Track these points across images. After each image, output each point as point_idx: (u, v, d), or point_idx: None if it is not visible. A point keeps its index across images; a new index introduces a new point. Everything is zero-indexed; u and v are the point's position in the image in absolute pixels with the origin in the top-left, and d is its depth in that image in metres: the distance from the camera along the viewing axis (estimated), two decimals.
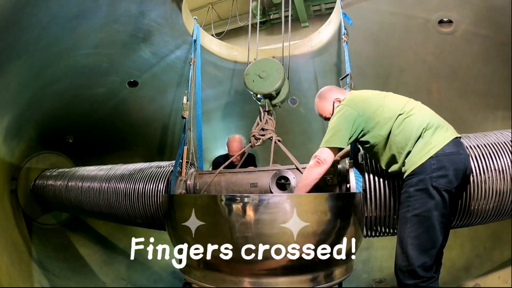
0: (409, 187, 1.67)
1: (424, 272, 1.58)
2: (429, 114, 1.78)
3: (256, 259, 1.74)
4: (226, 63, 3.99)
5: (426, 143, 1.66)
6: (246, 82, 2.56)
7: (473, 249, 3.26)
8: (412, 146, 1.69)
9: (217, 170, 2.45)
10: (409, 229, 1.62)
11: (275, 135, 2.45)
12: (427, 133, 1.68)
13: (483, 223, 2.06)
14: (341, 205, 1.85)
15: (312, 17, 7.21)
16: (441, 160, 1.62)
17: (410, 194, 1.65)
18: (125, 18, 2.96)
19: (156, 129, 4.58)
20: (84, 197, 3.13)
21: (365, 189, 1.98)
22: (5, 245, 2.82)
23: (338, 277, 1.93)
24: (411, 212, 1.63)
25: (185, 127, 2.83)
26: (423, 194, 1.61)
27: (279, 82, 2.48)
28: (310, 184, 1.86)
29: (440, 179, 1.60)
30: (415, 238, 1.60)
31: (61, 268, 3.57)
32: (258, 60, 2.65)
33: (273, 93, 2.49)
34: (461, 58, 3.14)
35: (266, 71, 2.51)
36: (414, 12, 3.02)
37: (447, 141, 1.66)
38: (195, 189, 2.51)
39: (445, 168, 1.61)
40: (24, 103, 3.14)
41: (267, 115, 2.50)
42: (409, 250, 1.60)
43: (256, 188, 2.26)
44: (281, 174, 2.20)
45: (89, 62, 3.25)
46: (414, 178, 1.65)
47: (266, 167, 2.36)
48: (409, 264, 1.60)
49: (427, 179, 1.61)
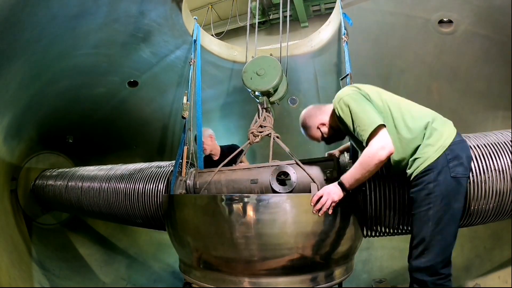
0: (427, 183, 1.59)
1: (444, 269, 1.55)
2: (427, 109, 1.76)
3: (256, 259, 1.74)
4: (226, 63, 3.99)
5: (440, 134, 1.62)
6: (244, 79, 2.54)
7: (473, 249, 3.26)
8: (422, 139, 1.64)
9: (216, 168, 2.44)
10: (431, 227, 1.56)
11: (274, 131, 2.44)
12: (436, 124, 1.64)
13: (483, 223, 2.06)
14: (341, 205, 1.85)
15: (311, 17, 7.21)
16: (454, 150, 1.60)
17: (430, 190, 1.58)
18: (125, 18, 2.96)
19: (156, 129, 4.58)
20: (84, 197, 3.13)
21: (365, 189, 1.98)
22: (5, 245, 2.82)
23: (338, 277, 1.94)
24: (433, 209, 1.56)
25: (185, 127, 2.83)
26: (444, 188, 1.56)
27: (276, 80, 2.46)
28: (371, 171, 1.58)
29: (457, 168, 1.57)
30: (438, 233, 1.55)
31: (61, 268, 3.57)
32: (256, 57, 2.64)
33: (270, 91, 2.48)
34: (461, 58, 3.14)
35: (264, 68, 2.50)
36: (414, 12, 3.02)
37: (455, 131, 1.66)
38: (195, 188, 2.50)
39: (459, 156, 1.59)
40: (24, 103, 3.14)
41: (265, 112, 2.48)
42: (431, 247, 1.55)
43: (257, 185, 2.24)
44: (281, 170, 2.18)
45: (89, 62, 3.25)
46: (431, 173, 1.59)
47: (266, 163, 2.35)
48: (428, 260, 1.55)
49: (446, 171, 1.56)
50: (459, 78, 3.26)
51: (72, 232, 4.29)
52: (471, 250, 3.27)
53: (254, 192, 2.23)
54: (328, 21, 3.71)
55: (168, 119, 4.45)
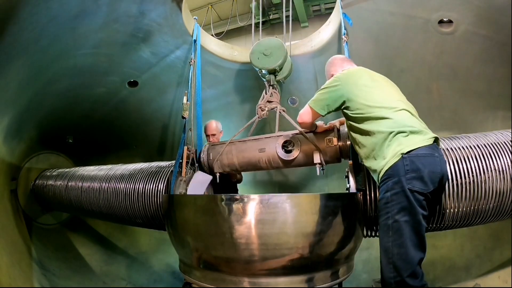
0: (385, 192, 1.59)
1: (415, 281, 1.49)
2: (409, 118, 1.71)
3: (256, 259, 1.74)
4: (226, 63, 3.98)
5: (399, 143, 1.60)
6: (252, 59, 2.82)
7: (473, 249, 3.26)
8: (383, 142, 1.64)
9: (227, 140, 2.65)
10: (392, 237, 1.54)
11: (280, 105, 2.70)
12: (401, 135, 1.62)
13: (483, 223, 2.06)
14: (341, 205, 1.86)
15: (311, 17, 7.22)
16: (414, 162, 1.55)
17: (388, 199, 1.57)
18: (125, 18, 2.96)
19: (156, 129, 4.57)
20: (84, 197, 3.13)
21: (365, 189, 1.98)
22: (5, 245, 2.81)
23: (338, 277, 1.94)
24: (391, 219, 1.54)
25: (185, 127, 2.84)
26: (401, 197, 1.53)
27: (282, 58, 2.74)
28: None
29: (414, 181, 1.53)
30: (400, 246, 1.51)
31: (61, 268, 3.57)
32: (262, 40, 2.92)
33: (277, 68, 2.76)
34: (461, 58, 3.13)
35: (270, 49, 2.79)
36: (414, 12, 3.02)
37: (420, 144, 1.59)
38: (209, 159, 2.69)
39: (419, 170, 1.53)
40: (24, 103, 3.14)
41: (272, 89, 2.74)
42: (396, 260, 1.51)
43: (264, 153, 2.43)
44: (286, 139, 2.38)
45: (89, 62, 3.25)
46: (389, 181, 1.58)
47: (272, 133, 2.55)
48: (397, 275, 1.50)
49: (402, 181, 1.53)
50: (459, 78, 3.25)
51: (72, 232, 4.29)
52: (471, 250, 3.26)
53: (262, 160, 2.44)
54: (328, 21, 3.71)
55: (168, 119, 4.45)
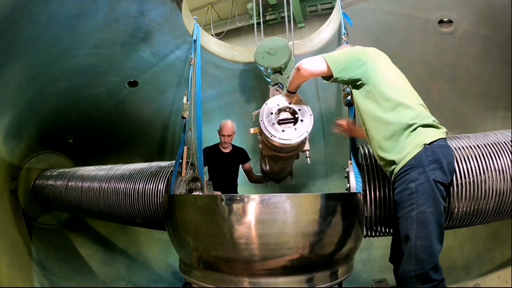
0: (409, 182, 1.55)
1: (436, 275, 1.47)
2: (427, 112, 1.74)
3: (256, 259, 1.74)
4: (226, 63, 3.98)
5: (421, 133, 1.60)
6: (257, 59, 2.84)
7: (473, 249, 3.25)
8: (402, 132, 1.62)
9: None
10: (416, 230, 1.49)
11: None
12: (422, 127, 1.62)
13: (483, 223, 2.06)
14: (341, 205, 1.85)
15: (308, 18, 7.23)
16: (436, 152, 1.55)
17: (413, 190, 1.53)
18: (125, 18, 2.96)
19: (156, 129, 4.57)
20: (84, 197, 3.13)
21: (365, 189, 1.98)
22: (5, 245, 2.81)
23: (338, 277, 1.93)
24: (416, 210, 1.50)
25: (185, 127, 2.83)
26: (426, 187, 1.51)
27: (287, 57, 2.76)
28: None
29: (436, 171, 1.53)
30: (425, 238, 1.48)
31: (61, 268, 3.56)
32: (266, 39, 2.93)
33: (282, 67, 2.76)
34: (461, 58, 3.13)
35: (274, 48, 2.81)
36: (414, 12, 3.02)
37: (439, 136, 1.61)
38: None
39: (440, 160, 1.54)
40: (24, 103, 3.14)
41: (277, 87, 2.73)
42: (419, 253, 1.48)
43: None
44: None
45: (89, 62, 3.25)
46: (412, 171, 1.55)
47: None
48: (420, 268, 1.47)
49: (427, 171, 1.52)
50: (459, 78, 3.25)
51: (72, 232, 4.28)
52: (471, 250, 3.26)
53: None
54: (328, 21, 3.71)
55: (168, 119, 4.45)
